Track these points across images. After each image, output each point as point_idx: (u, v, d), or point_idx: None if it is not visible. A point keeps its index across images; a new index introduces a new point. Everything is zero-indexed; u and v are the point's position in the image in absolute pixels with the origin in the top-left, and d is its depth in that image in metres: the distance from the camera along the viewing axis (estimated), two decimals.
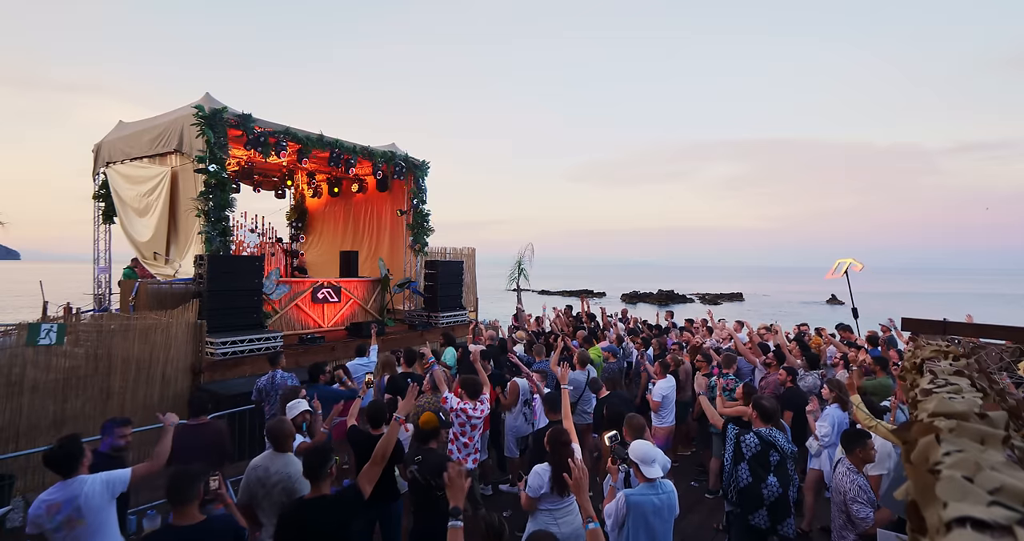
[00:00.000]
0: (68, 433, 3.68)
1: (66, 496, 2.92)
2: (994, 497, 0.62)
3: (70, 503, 2.91)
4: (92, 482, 3.01)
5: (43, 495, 2.94)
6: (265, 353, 8.20)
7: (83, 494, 2.95)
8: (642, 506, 3.17)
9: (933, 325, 2.15)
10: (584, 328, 9.36)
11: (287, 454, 3.62)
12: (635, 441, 3.48)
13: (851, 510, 3.60)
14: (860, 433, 3.86)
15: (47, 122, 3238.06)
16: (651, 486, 3.23)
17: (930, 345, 1.70)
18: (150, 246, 9.56)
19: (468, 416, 4.66)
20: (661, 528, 3.20)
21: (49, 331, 5.88)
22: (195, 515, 2.71)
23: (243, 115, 8.80)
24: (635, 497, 3.20)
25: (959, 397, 1.02)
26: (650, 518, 3.16)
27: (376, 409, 4.19)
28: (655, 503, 3.19)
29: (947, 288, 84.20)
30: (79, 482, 2.98)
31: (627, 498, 3.19)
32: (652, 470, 3.25)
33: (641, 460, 3.28)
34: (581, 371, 6.34)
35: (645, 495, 3.20)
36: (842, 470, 3.79)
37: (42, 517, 2.86)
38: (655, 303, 48.98)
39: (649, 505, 3.17)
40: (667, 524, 3.25)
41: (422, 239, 12.61)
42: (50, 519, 2.86)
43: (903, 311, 3.62)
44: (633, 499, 3.18)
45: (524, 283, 19.77)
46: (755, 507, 3.92)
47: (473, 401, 4.74)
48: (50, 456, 3.03)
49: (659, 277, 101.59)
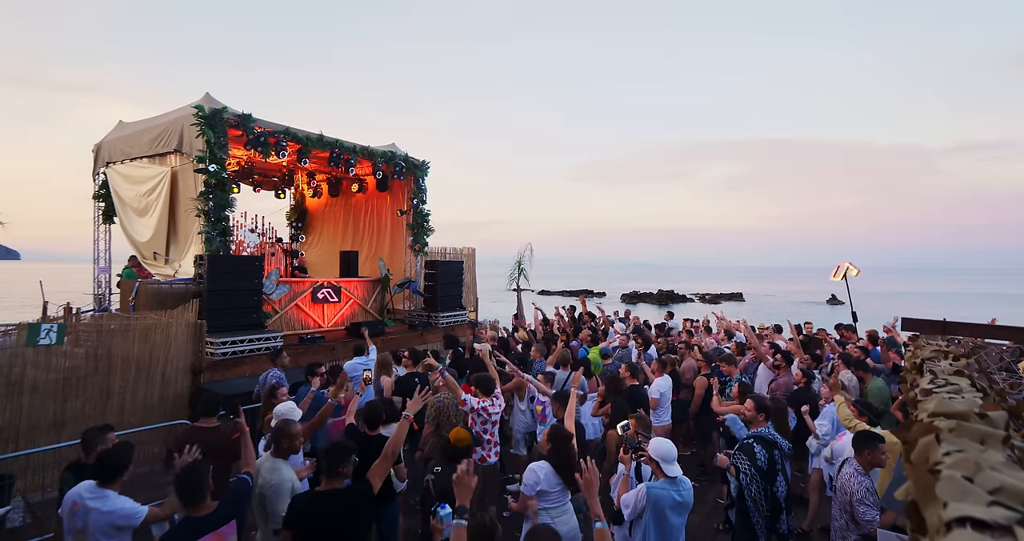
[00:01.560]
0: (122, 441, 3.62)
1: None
2: (994, 497, 0.63)
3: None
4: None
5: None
6: (265, 353, 8.23)
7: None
8: (662, 500, 3.24)
9: (933, 325, 2.15)
10: (585, 328, 9.36)
11: (278, 461, 3.55)
12: (656, 439, 3.54)
13: (856, 511, 3.58)
14: (872, 435, 3.80)
15: (47, 122, 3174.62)
16: (672, 483, 3.30)
17: (930, 345, 1.70)
18: (150, 246, 9.56)
19: (489, 413, 4.78)
20: (677, 523, 3.27)
21: (49, 331, 5.88)
22: (210, 505, 2.75)
23: (243, 115, 8.80)
24: (656, 490, 3.26)
25: (959, 397, 1.02)
26: (668, 513, 3.24)
27: (373, 410, 4.18)
28: (675, 499, 3.26)
29: (947, 288, 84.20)
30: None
31: (648, 490, 3.26)
32: (673, 469, 3.33)
33: (662, 458, 3.34)
34: (564, 371, 6.41)
35: (666, 489, 3.27)
36: (849, 471, 3.75)
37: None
38: (655, 303, 48.99)
39: (669, 500, 3.25)
40: (681, 519, 3.33)
41: (422, 239, 12.61)
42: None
43: (903, 311, 3.62)
44: (654, 492, 3.25)
45: (524, 283, 19.77)
46: (778, 513, 3.85)
47: (489, 398, 4.84)
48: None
49: (659, 277, 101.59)
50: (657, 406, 6.05)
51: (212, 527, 2.69)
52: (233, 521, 2.82)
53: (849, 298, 11.26)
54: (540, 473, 3.42)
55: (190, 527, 2.68)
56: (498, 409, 4.85)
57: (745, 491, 3.78)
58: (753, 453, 3.86)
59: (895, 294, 61.05)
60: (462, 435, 3.77)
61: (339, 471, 3.04)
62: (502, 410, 5.00)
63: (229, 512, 2.80)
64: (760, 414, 4.12)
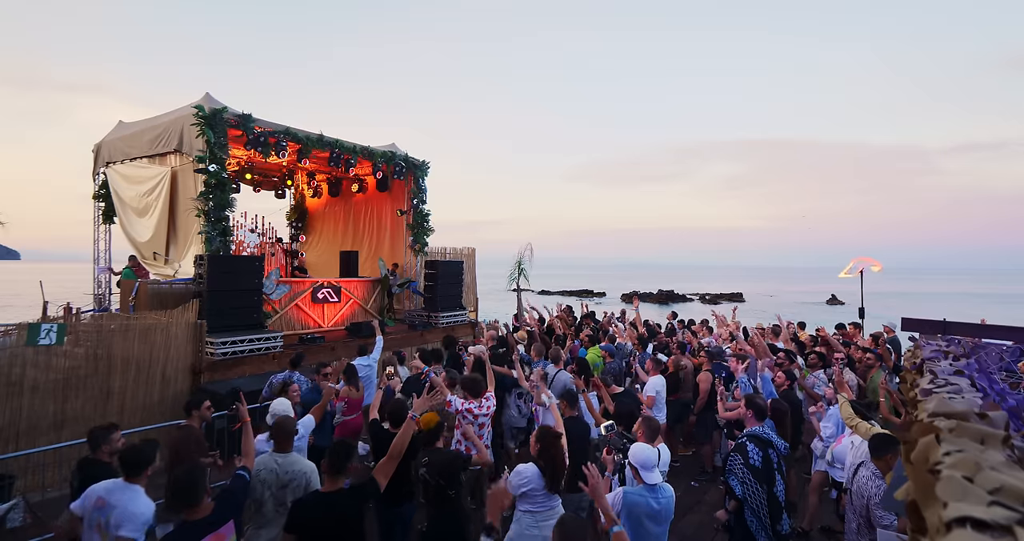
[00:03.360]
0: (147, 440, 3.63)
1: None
2: (994, 497, 0.63)
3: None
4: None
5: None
6: (265, 353, 8.24)
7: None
8: (638, 506, 3.12)
9: (933, 325, 2.15)
10: (587, 328, 9.36)
11: (291, 454, 3.62)
12: (635, 444, 3.41)
13: (874, 515, 3.55)
14: (889, 439, 3.71)
15: (47, 122, 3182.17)
16: (651, 489, 3.18)
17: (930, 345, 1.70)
18: (150, 246, 9.56)
19: (475, 415, 4.70)
20: (655, 531, 3.15)
21: (49, 331, 5.88)
22: (207, 507, 2.71)
23: (243, 115, 8.80)
24: (632, 496, 3.15)
25: (959, 397, 1.02)
26: (645, 521, 3.11)
27: (398, 407, 4.18)
28: (653, 507, 3.13)
29: (947, 288, 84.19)
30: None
31: (624, 495, 3.15)
32: (651, 476, 3.21)
33: (641, 465, 3.23)
34: (555, 368, 6.39)
35: (643, 496, 3.16)
36: (867, 474, 3.69)
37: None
38: (655, 303, 48.97)
39: (645, 506, 3.12)
40: (661, 528, 3.20)
41: (422, 239, 12.61)
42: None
43: (903, 311, 3.61)
44: (630, 498, 3.14)
45: (524, 283, 19.75)
46: (779, 514, 3.78)
47: (477, 400, 4.77)
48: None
49: (659, 277, 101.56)
50: (653, 405, 6.05)
51: (210, 529, 2.65)
52: (231, 521, 2.79)
53: (861, 293, 11.16)
54: (526, 474, 3.34)
55: (187, 532, 2.63)
56: (486, 411, 4.75)
57: (741, 491, 3.76)
58: (746, 452, 3.82)
59: (895, 294, 61.04)
60: (428, 417, 3.88)
61: (341, 470, 3.04)
62: (492, 412, 4.87)
63: (227, 512, 2.78)
64: (748, 411, 4.10)
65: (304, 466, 3.57)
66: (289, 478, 3.48)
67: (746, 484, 3.72)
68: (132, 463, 3.05)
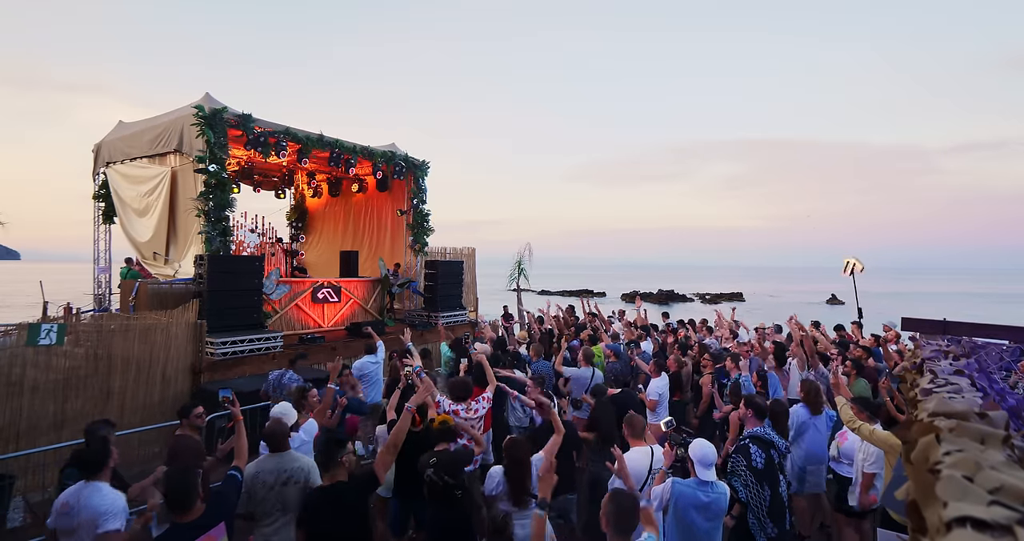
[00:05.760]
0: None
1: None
2: (994, 497, 0.63)
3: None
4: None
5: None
6: (265, 353, 8.24)
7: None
8: (686, 497, 3.23)
9: (933, 325, 2.15)
10: (588, 328, 9.34)
11: (288, 451, 3.62)
12: (697, 440, 3.50)
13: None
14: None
15: (47, 122, 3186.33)
16: (702, 483, 3.29)
17: (930, 345, 1.69)
18: (150, 246, 9.56)
19: (461, 417, 4.68)
20: (703, 526, 3.24)
21: (49, 331, 5.87)
22: (198, 509, 2.68)
23: (243, 115, 8.80)
24: (681, 487, 3.26)
25: (959, 397, 1.02)
26: (692, 513, 3.22)
27: (425, 405, 4.24)
28: (701, 499, 3.23)
29: (947, 288, 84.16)
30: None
31: (673, 484, 3.27)
32: (707, 473, 3.31)
33: (699, 460, 3.33)
34: (586, 367, 6.39)
35: (692, 488, 3.26)
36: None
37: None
38: (655, 303, 48.95)
39: (693, 498, 3.23)
40: (711, 523, 3.27)
41: (422, 239, 12.61)
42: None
43: (903, 311, 3.60)
44: (679, 488, 3.25)
45: (524, 283, 19.75)
46: (782, 515, 3.78)
47: (464, 402, 4.75)
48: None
49: (659, 277, 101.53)
50: (656, 407, 6.05)
51: (201, 531, 2.64)
52: (222, 523, 2.77)
53: (856, 295, 11.19)
54: (496, 478, 3.44)
55: (177, 534, 2.62)
56: (473, 414, 4.74)
57: (745, 494, 3.77)
58: (749, 453, 3.82)
59: (895, 294, 61.03)
60: (442, 419, 4.10)
61: (335, 464, 3.09)
62: (482, 414, 4.85)
63: (218, 514, 2.76)
64: (748, 410, 4.12)
65: (303, 462, 3.56)
66: (288, 476, 3.48)
67: (749, 486, 3.74)
68: (88, 462, 3.06)
